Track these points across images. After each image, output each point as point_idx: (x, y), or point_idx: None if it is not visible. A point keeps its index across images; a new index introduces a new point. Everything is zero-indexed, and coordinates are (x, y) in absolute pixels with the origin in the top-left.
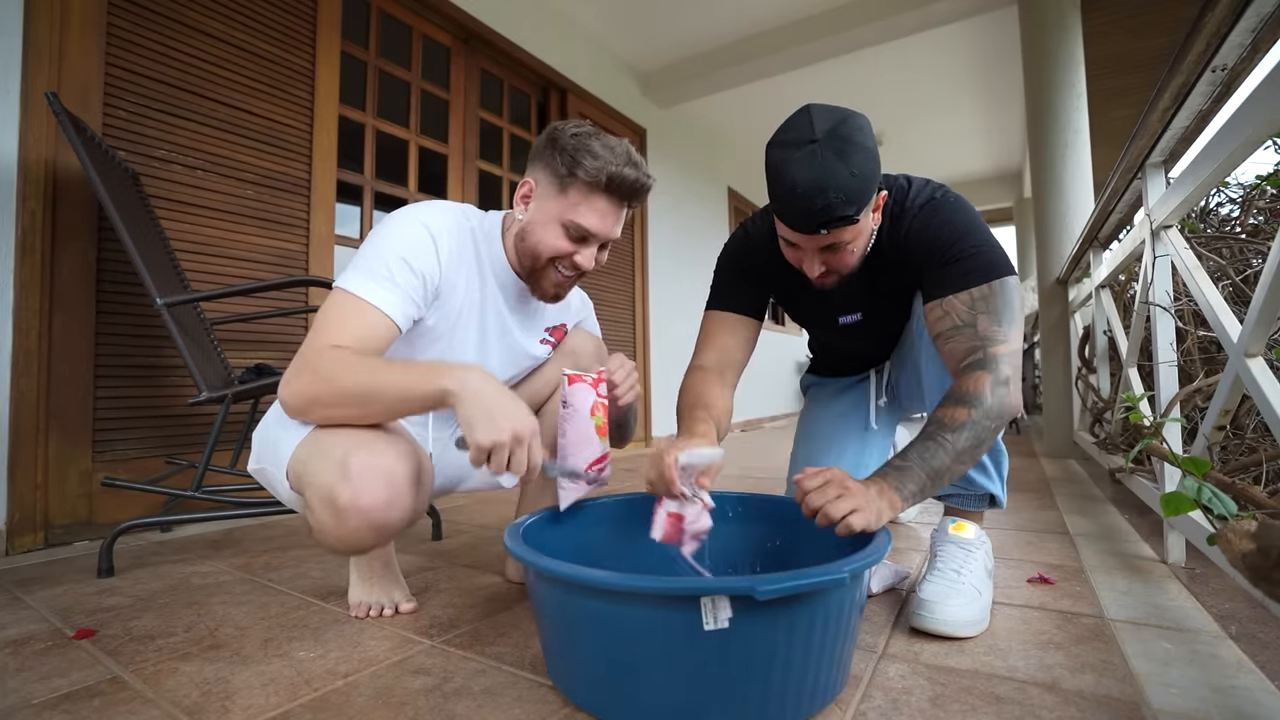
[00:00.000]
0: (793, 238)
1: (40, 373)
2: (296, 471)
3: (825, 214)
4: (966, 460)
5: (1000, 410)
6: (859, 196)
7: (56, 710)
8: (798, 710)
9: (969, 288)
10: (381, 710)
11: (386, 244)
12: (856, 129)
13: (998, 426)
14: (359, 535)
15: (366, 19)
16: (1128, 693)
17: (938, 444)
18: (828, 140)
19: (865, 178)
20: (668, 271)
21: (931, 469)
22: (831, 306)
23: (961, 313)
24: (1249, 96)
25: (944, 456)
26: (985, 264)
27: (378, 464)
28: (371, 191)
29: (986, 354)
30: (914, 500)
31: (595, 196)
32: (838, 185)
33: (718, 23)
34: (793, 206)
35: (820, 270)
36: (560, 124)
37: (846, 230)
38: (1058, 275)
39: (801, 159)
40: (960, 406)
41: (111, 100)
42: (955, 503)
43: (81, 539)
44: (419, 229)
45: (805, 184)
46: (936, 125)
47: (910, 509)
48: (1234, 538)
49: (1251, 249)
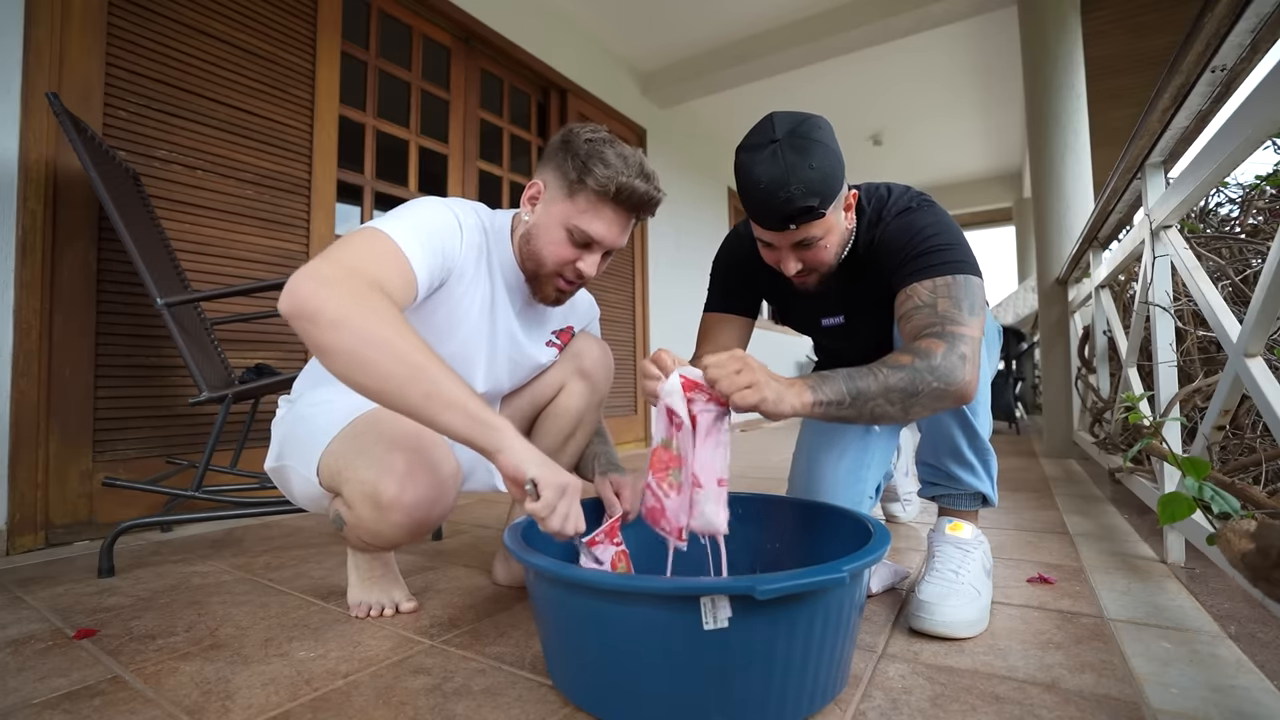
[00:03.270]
0: (767, 237)
1: (41, 373)
2: (332, 468)
3: (788, 205)
4: (895, 402)
5: (948, 375)
6: (820, 188)
7: (57, 710)
8: (798, 710)
9: (933, 277)
10: (381, 710)
11: (422, 214)
12: (815, 128)
13: (940, 390)
14: (397, 531)
15: (366, 19)
16: (1128, 693)
17: (870, 371)
18: (788, 139)
19: (825, 172)
20: (668, 272)
21: (855, 388)
22: (815, 308)
23: (924, 296)
24: (1248, 97)
25: (872, 382)
26: (952, 259)
27: (425, 461)
28: (371, 191)
29: (944, 329)
30: (827, 410)
31: (603, 205)
32: (798, 178)
33: (718, 23)
34: (759, 203)
35: (797, 268)
36: (576, 127)
37: (815, 225)
38: (1058, 275)
39: (764, 158)
40: (905, 354)
41: (112, 100)
42: (947, 503)
43: (82, 539)
44: (450, 216)
45: (768, 180)
46: (936, 126)
47: (910, 509)
48: (1233, 537)
49: (1251, 249)
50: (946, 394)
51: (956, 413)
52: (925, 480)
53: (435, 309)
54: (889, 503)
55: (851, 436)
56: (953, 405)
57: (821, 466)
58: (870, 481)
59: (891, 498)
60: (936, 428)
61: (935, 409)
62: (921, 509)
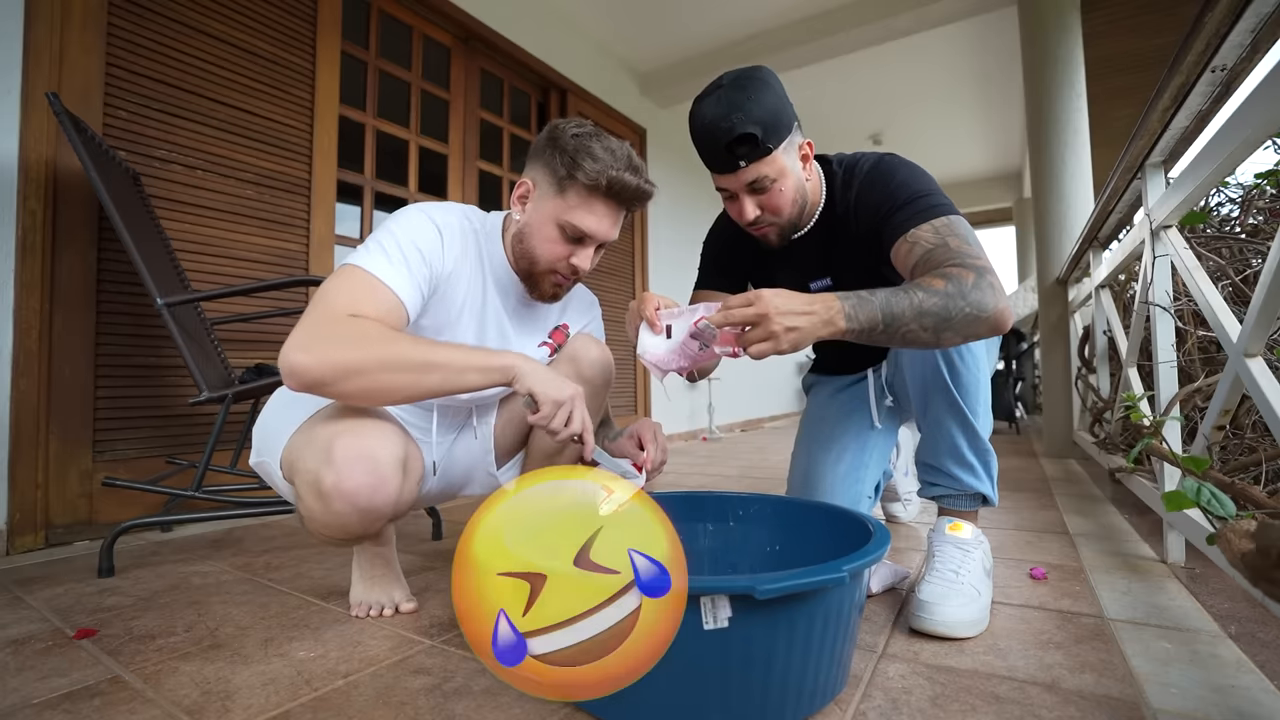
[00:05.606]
0: (722, 182)
1: (41, 373)
2: (289, 461)
3: (729, 134)
4: (929, 326)
5: (981, 301)
6: (760, 118)
7: (57, 710)
8: (798, 710)
9: (930, 219)
10: (382, 710)
11: (398, 232)
12: (757, 71)
13: (973, 316)
14: (344, 520)
15: (366, 19)
16: (1128, 693)
17: (905, 292)
18: (730, 83)
19: (767, 107)
20: (667, 271)
21: (889, 309)
22: (800, 272)
23: (930, 238)
24: (1248, 97)
25: (905, 304)
26: (939, 204)
27: (361, 447)
28: (371, 191)
29: (967, 262)
30: (859, 327)
31: (594, 200)
32: (740, 111)
33: (717, 23)
34: (706, 143)
35: (755, 213)
36: (561, 123)
37: (764, 164)
38: (1058, 275)
39: (710, 101)
40: (939, 279)
41: (112, 100)
42: (947, 503)
43: (82, 539)
44: (428, 223)
45: (712, 116)
46: (936, 125)
47: (910, 509)
48: (1233, 537)
49: (1251, 249)
50: (980, 319)
51: (956, 413)
52: (925, 480)
53: (424, 314)
54: (889, 503)
55: (850, 436)
56: (987, 334)
57: (820, 467)
58: (868, 481)
59: (891, 497)
60: (936, 428)
61: (968, 336)
62: (921, 509)
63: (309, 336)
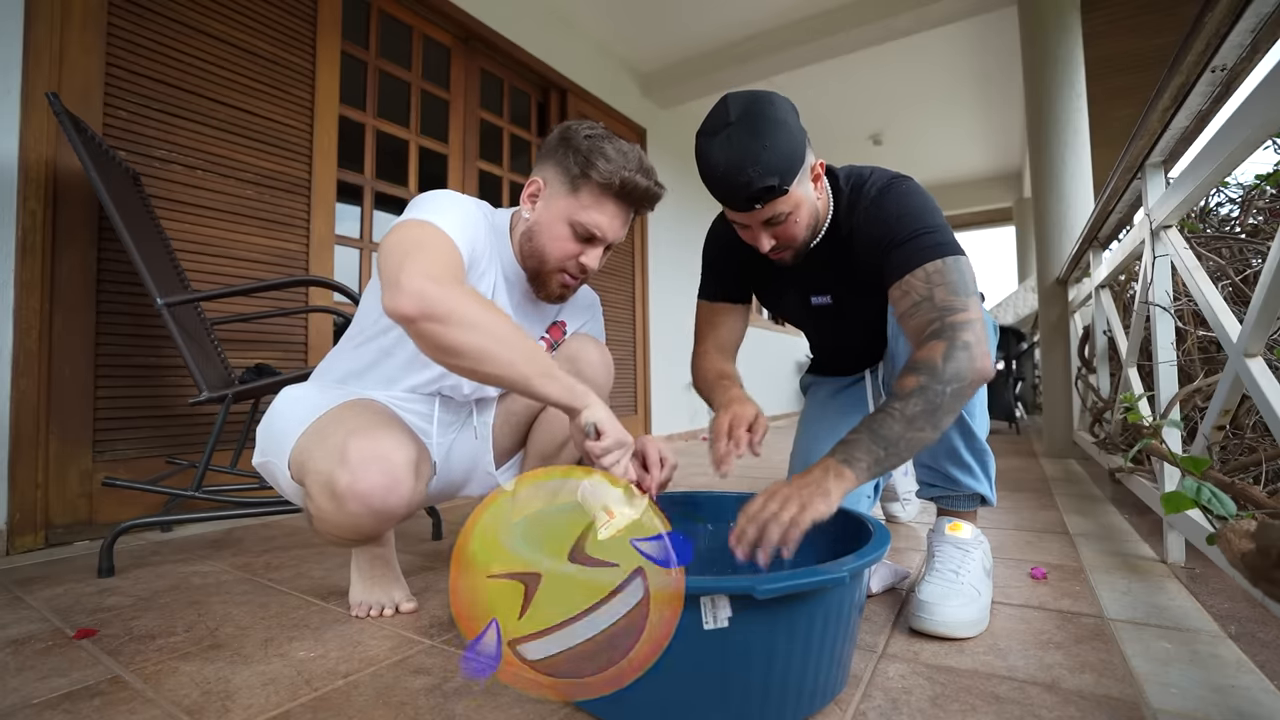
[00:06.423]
0: (736, 218)
1: (41, 373)
2: (299, 462)
3: (748, 189)
4: (925, 427)
5: (958, 373)
6: (778, 167)
7: (57, 710)
8: (797, 710)
9: (923, 264)
10: (382, 710)
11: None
12: (768, 105)
13: (958, 390)
14: (358, 521)
15: (366, 19)
16: (1128, 693)
17: (887, 413)
18: (740, 121)
19: (781, 150)
20: (668, 271)
21: (883, 438)
22: (804, 287)
23: (920, 289)
24: (1248, 97)
25: (895, 425)
26: (936, 243)
27: (376, 449)
28: (371, 191)
29: (944, 323)
30: (871, 471)
31: (606, 199)
32: (754, 160)
33: (717, 23)
34: (720, 188)
35: (770, 244)
36: (574, 124)
37: (779, 202)
38: (1058, 275)
39: (719, 143)
40: (910, 375)
41: (112, 100)
42: (945, 504)
43: (82, 539)
44: (472, 203)
45: (725, 165)
46: (936, 125)
47: (910, 509)
48: (1234, 537)
49: (1251, 249)
50: (964, 390)
51: None
52: (923, 481)
53: None
54: (888, 503)
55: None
56: (975, 390)
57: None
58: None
59: (891, 497)
60: None
61: (962, 404)
62: (921, 509)
63: (441, 273)
